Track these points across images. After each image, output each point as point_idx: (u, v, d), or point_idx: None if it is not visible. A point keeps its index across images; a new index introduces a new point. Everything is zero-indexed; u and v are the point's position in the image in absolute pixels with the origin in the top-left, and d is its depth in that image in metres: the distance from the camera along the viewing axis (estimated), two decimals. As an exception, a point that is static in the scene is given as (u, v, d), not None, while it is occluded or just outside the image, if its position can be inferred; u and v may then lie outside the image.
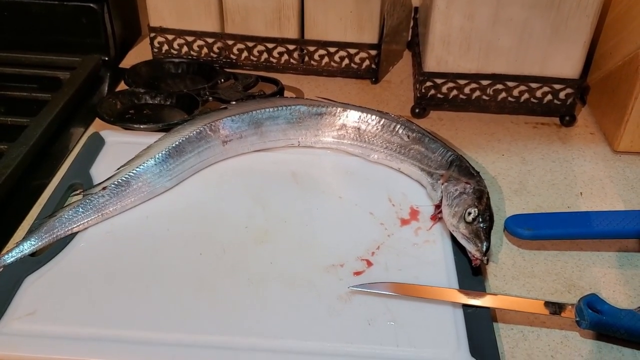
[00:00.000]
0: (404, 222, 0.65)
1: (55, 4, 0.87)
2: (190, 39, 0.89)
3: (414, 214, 0.66)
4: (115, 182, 0.64)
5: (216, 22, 0.87)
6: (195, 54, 0.90)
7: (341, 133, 0.73)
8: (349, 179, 0.71)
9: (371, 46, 0.86)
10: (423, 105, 0.82)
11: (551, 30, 0.75)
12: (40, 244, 0.60)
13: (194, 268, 0.58)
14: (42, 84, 0.86)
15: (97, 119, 0.78)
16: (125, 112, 0.79)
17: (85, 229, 0.62)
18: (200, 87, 0.82)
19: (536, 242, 0.63)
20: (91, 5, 0.87)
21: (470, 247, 0.59)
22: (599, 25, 0.77)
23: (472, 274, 0.59)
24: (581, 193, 0.70)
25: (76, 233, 0.62)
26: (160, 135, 0.70)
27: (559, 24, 0.74)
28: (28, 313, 0.53)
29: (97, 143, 0.74)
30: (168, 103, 0.81)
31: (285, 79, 0.89)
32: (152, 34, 0.89)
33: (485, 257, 0.57)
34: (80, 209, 0.62)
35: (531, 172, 0.74)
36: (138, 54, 0.96)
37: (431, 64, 0.78)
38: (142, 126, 0.75)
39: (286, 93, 0.85)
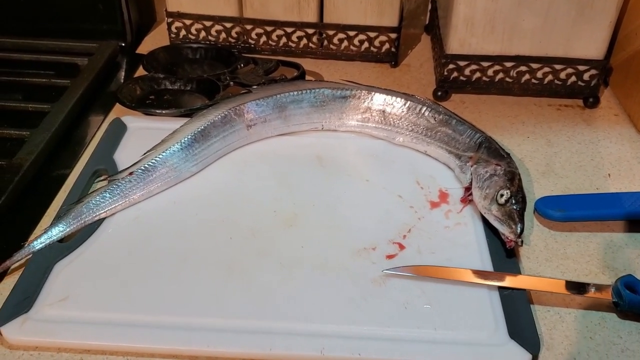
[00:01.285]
0: (434, 204, 0.64)
1: (70, -12, 0.86)
2: (208, 23, 0.88)
3: (444, 196, 0.65)
4: (142, 167, 0.63)
5: (234, 6, 0.86)
6: (213, 39, 0.89)
7: (366, 116, 0.72)
8: (375, 162, 0.70)
9: (391, 29, 0.85)
10: (445, 88, 0.81)
11: (576, 11, 0.74)
12: (68, 230, 0.59)
13: (225, 252, 0.58)
14: (59, 70, 0.85)
15: (116, 105, 0.77)
16: (145, 98, 0.79)
17: (113, 214, 0.62)
18: (220, 72, 0.81)
19: (567, 224, 0.63)
20: (107, -11, 0.86)
21: (504, 229, 0.58)
22: (624, 6, 0.76)
23: (506, 256, 0.58)
24: (609, 174, 0.70)
25: (103, 219, 0.61)
26: (181, 120, 0.70)
27: (584, 4, 0.73)
28: (60, 299, 0.53)
29: (119, 129, 0.73)
30: (188, 88, 0.80)
31: (304, 63, 0.88)
32: (170, 19, 0.88)
33: (520, 239, 0.57)
34: (107, 195, 0.61)
35: (557, 154, 0.73)
36: (154, 40, 0.95)
37: (454, 46, 0.78)
38: (164, 111, 0.74)
39: (306, 77, 0.84)
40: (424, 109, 0.70)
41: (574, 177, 0.69)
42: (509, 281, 0.55)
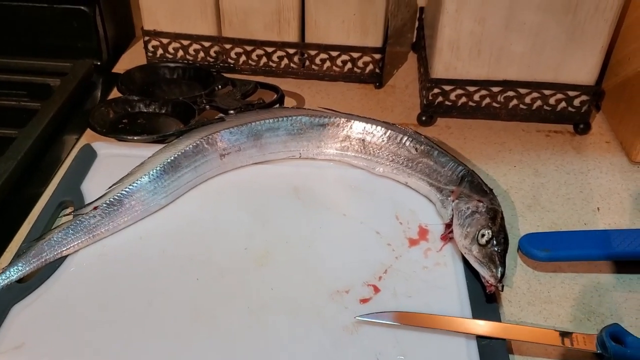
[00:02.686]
0: (413, 242, 0.61)
1: (44, 6, 0.83)
2: (185, 42, 0.85)
3: (423, 233, 0.62)
4: (107, 201, 0.60)
5: (213, 24, 0.83)
6: (191, 58, 0.86)
7: (345, 145, 0.69)
8: (354, 194, 0.67)
9: (375, 50, 0.82)
10: (430, 112, 0.78)
11: (567, 35, 0.71)
12: (28, 269, 0.56)
13: (191, 295, 0.55)
14: (31, 90, 0.82)
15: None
16: (118, 122, 0.76)
17: (76, 251, 0.59)
18: (196, 95, 0.78)
19: (552, 264, 0.60)
20: (82, 7, 0.83)
21: (484, 272, 0.55)
22: (616, 29, 0.73)
23: (485, 301, 0.55)
24: (598, 208, 0.67)
25: (66, 256, 0.58)
26: (154, 147, 0.67)
27: (575, 28, 0.70)
28: (15, 346, 0.50)
29: (88, 156, 0.70)
30: (163, 111, 0.77)
31: (285, 83, 0.85)
32: (146, 38, 0.85)
33: (501, 284, 0.54)
34: (71, 231, 0.58)
35: (545, 185, 0.70)
36: (132, 58, 0.92)
37: (439, 70, 0.75)
38: (135, 137, 0.72)
39: (286, 99, 0.81)
40: (405, 138, 0.67)
41: (561, 211, 0.66)
42: (488, 329, 0.52)
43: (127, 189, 0.61)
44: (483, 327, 0.52)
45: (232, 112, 0.74)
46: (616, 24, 0.70)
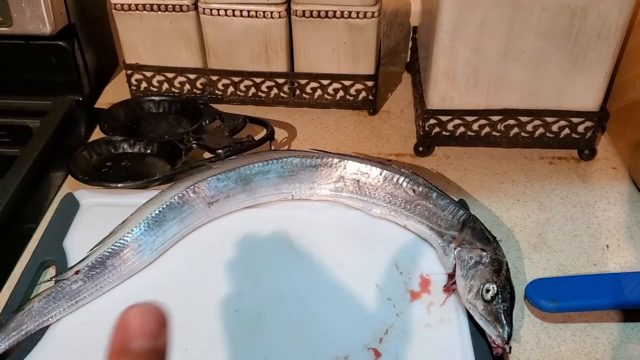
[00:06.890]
0: (414, 295, 0.58)
1: (20, 43, 0.79)
2: (170, 75, 0.81)
3: (425, 284, 0.59)
4: (90, 264, 0.57)
5: (197, 56, 0.79)
6: (177, 90, 0.83)
7: (339, 185, 0.66)
8: (350, 239, 0.64)
9: (367, 77, 0.79)
10: (427, 143, 0.74)
11: (569, 62, 0.67)
12: (7, 344, 0.53)
13: (180, 367, 0.52)
14: (10, 133, 0.78)
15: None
16: (101, 165, 0.72)
17: (58, 320, 0.56)
18: (183, 132, 0.74)
19: (562, 314, 0.57)
20: (60, 43, 0.79)
21: (490, 331, 0.52)
22: (620, 51, 0.69)
23: (493, 362, 0.52)
24: (607, 246, 0.64)
25: (48, 327, 0.55)
26: (138, 193, 0.65)
27: (577, 54, 0.66)
28: None
29: (70, 207, 0.67)
30: (149, 151, 0.74)
31: (275, 112, 0.82)
32: (129, 71, 0.82)
33: (508, 345, 0.51)
34: (52, 299, 0.55)
35: (550, 220, 0.67)
36: (116, 89, 0.88)
37: (435, 101, 0.71)
38: (119, 185, 0.68)
39: (278, 130, 0.78)
40: (402, 179, 0.63)
41: (568, 251, 0.63)
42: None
43: (110, 249, 0.58)
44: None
45: (220, 151, 0.71)
46: (620, 48, 0.67)
